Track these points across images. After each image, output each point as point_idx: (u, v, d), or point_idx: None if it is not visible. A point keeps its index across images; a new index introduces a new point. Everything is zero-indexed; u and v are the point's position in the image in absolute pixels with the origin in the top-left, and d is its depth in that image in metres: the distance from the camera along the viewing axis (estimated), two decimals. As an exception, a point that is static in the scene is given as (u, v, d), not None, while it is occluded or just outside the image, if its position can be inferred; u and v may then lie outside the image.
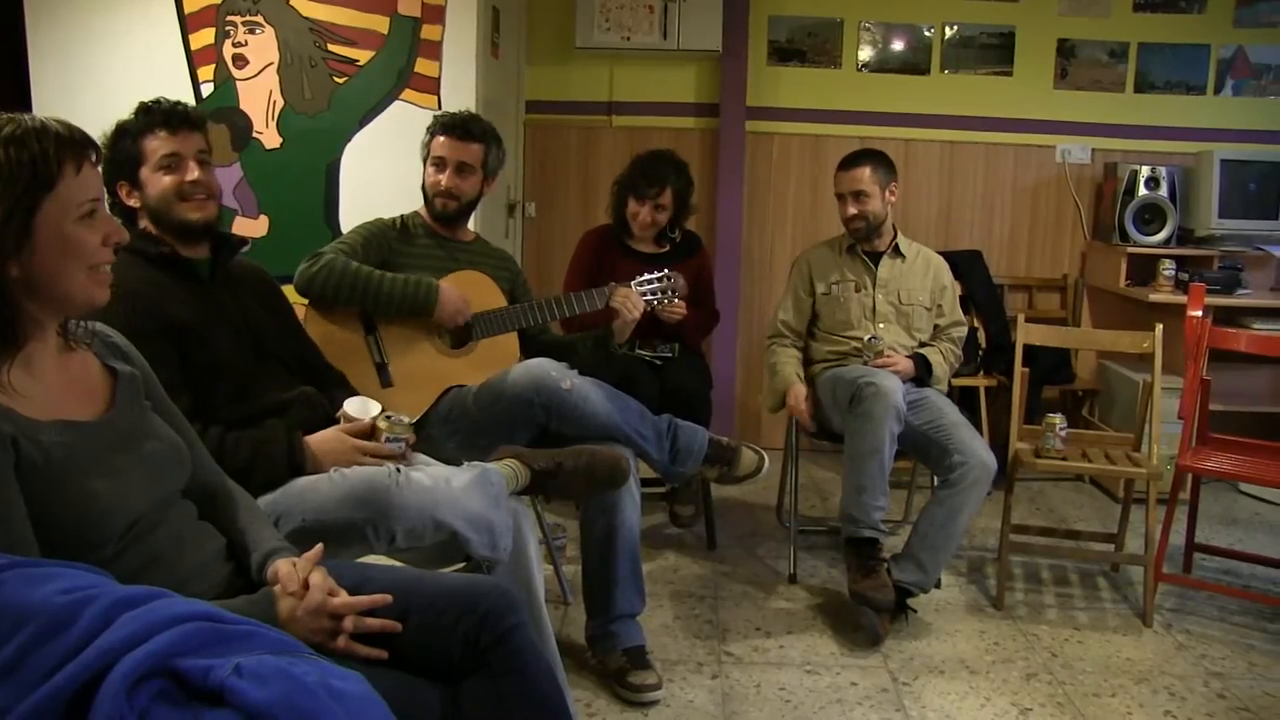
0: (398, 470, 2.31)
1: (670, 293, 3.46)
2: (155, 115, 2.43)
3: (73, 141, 1.61)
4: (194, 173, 2.42)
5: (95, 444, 1.66)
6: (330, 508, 2.23)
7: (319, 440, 2.39)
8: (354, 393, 2.65)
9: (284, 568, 1.78)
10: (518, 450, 2.69)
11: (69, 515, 1.56)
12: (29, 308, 1.61)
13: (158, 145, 2.41)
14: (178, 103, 2.48)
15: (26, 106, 3.92)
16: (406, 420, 2.45)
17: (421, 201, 3.38)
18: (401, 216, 3.34)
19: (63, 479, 1.57)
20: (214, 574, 1.81)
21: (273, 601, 1.70)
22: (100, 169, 1.68)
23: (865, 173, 3.89)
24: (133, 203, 2.45)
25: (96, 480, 1.61)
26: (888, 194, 3.93)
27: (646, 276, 3.45)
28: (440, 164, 3.30)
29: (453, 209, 3.33)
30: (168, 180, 2.41)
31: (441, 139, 3.30)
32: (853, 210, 3.90)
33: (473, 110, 3.79)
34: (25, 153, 1.56)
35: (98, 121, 1.76)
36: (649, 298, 3.43)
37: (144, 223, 2.46)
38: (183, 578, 1.69)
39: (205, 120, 2.53)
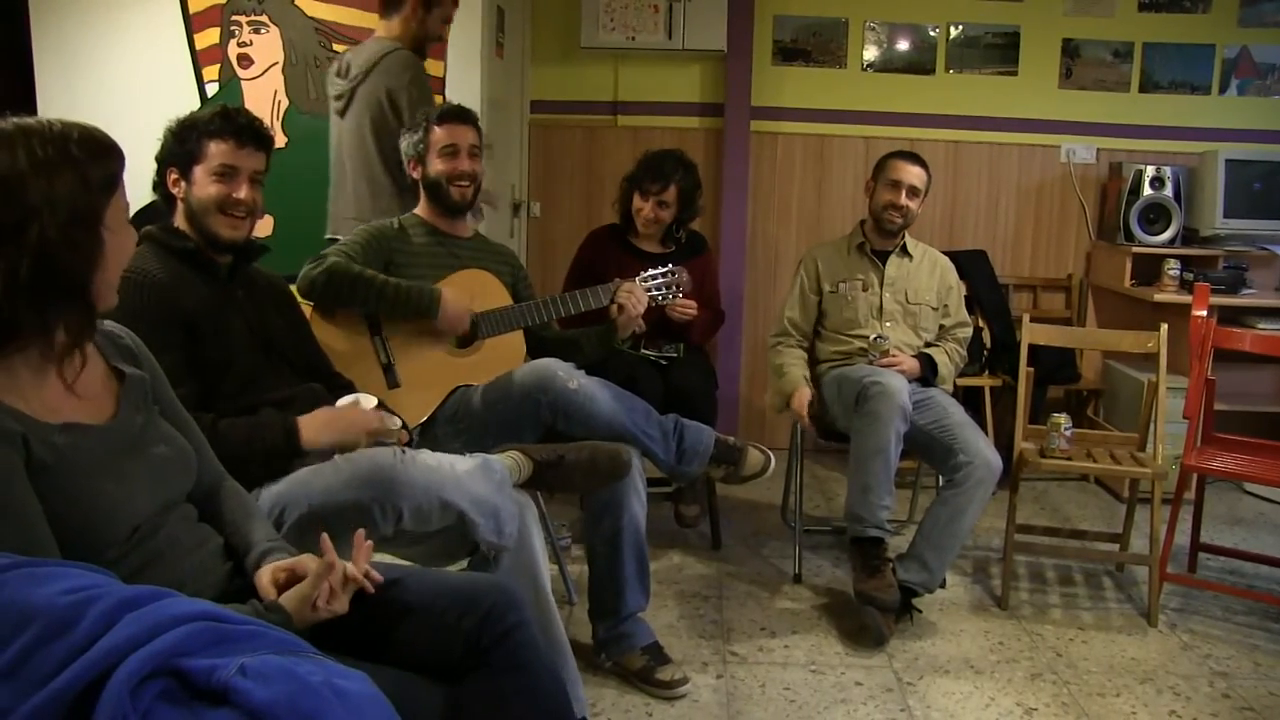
0: (402, 450, 2.32)
1: (675, 288, 3.45)
2: (229, 123, 2.43)
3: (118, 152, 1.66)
4: (242, 190, 2.43)
5: (102, 447, 1.66)
6: (336, 489, 2.24)
7: (311, 417, 2.40)
8: None
9: (263, 583, 1.80)
10: (520, 445, 2.70)
11: (75, 517, 1.57)
12: (60, 309, 1.62)
13: (220, 152, 2.41)
14: (255, 119, 2.49)
15: (31, 106, 3.93)
16: (398, 423, 2.46)
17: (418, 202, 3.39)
18: (398, 219, 3.34)
19: (70, 480, 1.58)
20: (212, 573, 1.81)
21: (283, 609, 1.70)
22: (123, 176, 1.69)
23: (923, 174, 3.95)
24: (176, 191, 2.46)
25: (103, 482, 1.62)
26: (923, 203, 3.97)
27: (651, 272, 3.44)
28: (453, 151, 3.28)
29: (470, 194, 3.33)
30: (215, 189, 2.41)
31: (443, 129, 3.29)
32: (905, 202, 3.91)
33: (477, 110, 3.79)
34: (99, 168, 1.61)
35: (103, 121, 1.76)
36: (654, 293, 3.42)
37: (179, 216, 2.47)
38: (181, 577, 1.69)
39: (272, 143, 2.54)
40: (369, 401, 2.47)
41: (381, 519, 2.23)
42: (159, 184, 2.48)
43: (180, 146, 2.44)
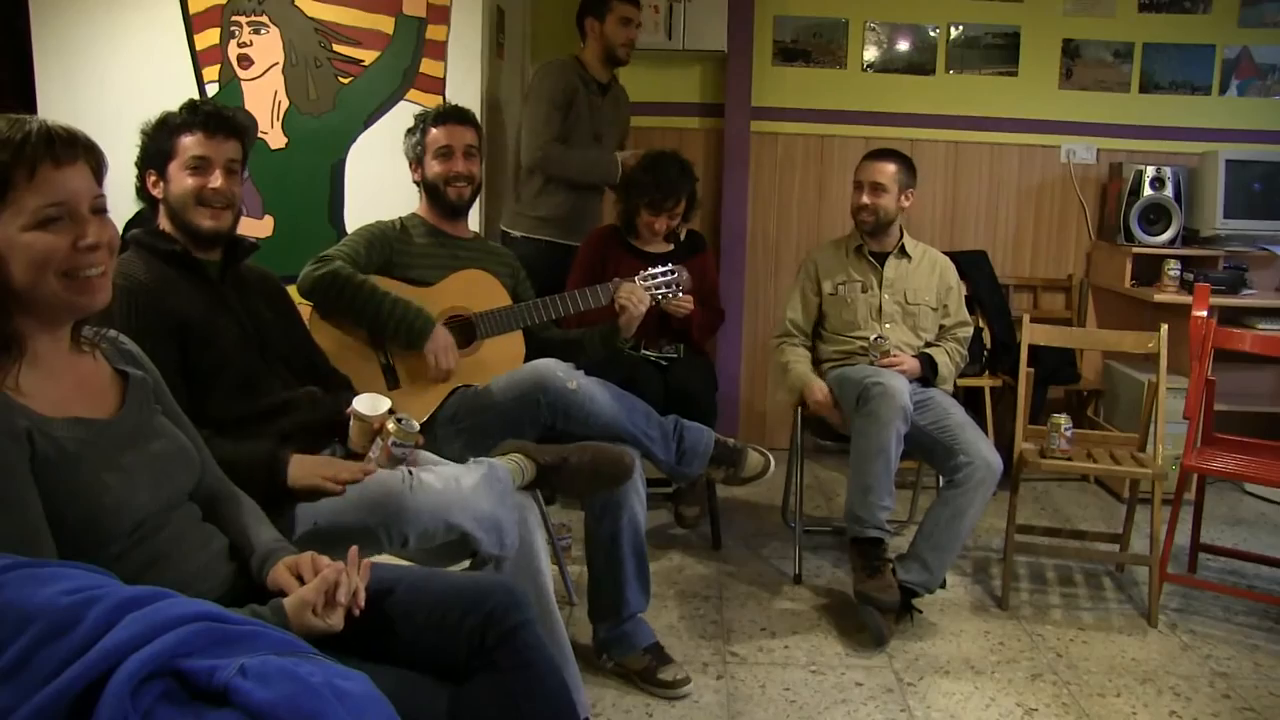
0: (409, 474, 2.31)
1: (675, 287, 3.44)
2: (197, 115, 2.43)
3: (22, 147, 1.56)
4: (218, 180, 2.42)
5: (106, 442, 1.67)
6: (343, 511, 2.24)
7: (305, 459, 2.32)
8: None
9: (284, 577, 1.79)
10: (523, 444, 2.70)
11: (78, 509, 1.57)
12: (26, 323, 1.61)
13: (190, 145, 2.41)
14: (223, 107, 2.48)
15: (31, 106, 3.92)
16: (416, 425, 2.45)
17: (418, 203, 3.39)
18: (400, 219, 3.34)
19: (74, 473, 1.58)
20: (216, 574, 1.81)
21: (283, 611, 1.69)
22: (76, 167, 1.62)
23: (890, 169, 3.91)
24: (157, 193, 2.46)
25: (106, 476, 1.63)
26: (904, 197, 3.93)
27: (651, 271, 3.43)
28: (447, 152, 3.29)
29: (468, 194, 3.34)
30: (191, 182, 2.40)
31: (439, 129, 3.30)
32: (865, 200, 3.91)
33: (477, 110, 3.79)
34: None
35: (103, 122, 1.76)
36: (654, 293, 3.42)
37: (161, 218, 2.47)
38: (186, 578, 1.69)
39: (246, 128, 2.53)
40: (382, 404, 2.46)
41: (387, 541, 2.24)
42: (140, 189, 2.48)
43: (154, 146, 2.44)
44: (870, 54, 5.57)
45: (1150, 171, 5.17)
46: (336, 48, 4.00)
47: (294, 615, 1.66)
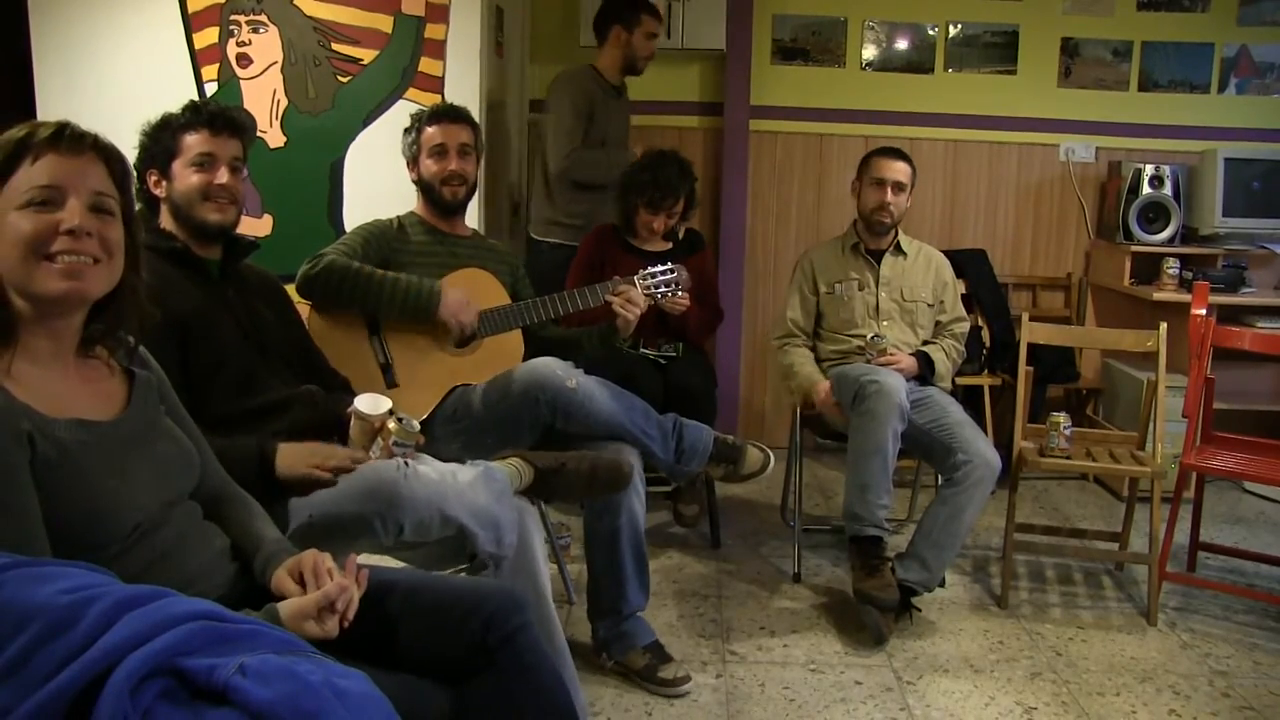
0: (405, 464, 2.31)
1: (674, 285, 3.43)
2: (201, 114, 2.45)
3: (32, 134, 1.62)
4: (223, 177, 2.44)
5: (108, 444, 1.67)
6: (338, 501, 2.23)
7: (293, 446, 2.32)
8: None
9: (285, 583, 1.78)
10: (521, 451, 2.70)
11: (77, 512, 1.57)
12: (25, 313, 1.63)
13: (195, 143, 2.43)
14: (226, 106, 2.50)
15: (30, 106, 3.92)
16: (416, 425, 2.45)
17: (416, 201, 3.39)
18: (398, 217, 3.34)
19: (75, 476, 1.58)
20: (218, 574, 1.81)
21: (278, 617, 1.68)
22: (82, 160, 1.65)
23: (909, 169, 3.94)
24: (158, 192, 2.47)
25: (107, 479, 1.63)
26: (910, 197, 3.95)
27: (650, 270, 3.42)
28: (441, 151, 3.29)
29: (462, 194, 3.33)
30: (196, 179, 2.42)
31: (434, 128, 3.30)
32: (890, 199, 3.91)
33: (476, 109, 3.79)
34: None
35: (102, 121, 1.75)
36: (653, 292, 3.41)
37: (164, 216, 2.47)
38: (186, 577, 1.69)
39: (248, 127, 2.54)
40: (383, 403, 2.46)
41: (383, 531, 2.23)
42: (140, 189, 2.47)
43: (156, 145, 2.46)
44: (869, 53, 5.57)
45: (1149, 170, 5.18)
46: (335, 46, 4.00)
47: (289, 623, 1.65)
